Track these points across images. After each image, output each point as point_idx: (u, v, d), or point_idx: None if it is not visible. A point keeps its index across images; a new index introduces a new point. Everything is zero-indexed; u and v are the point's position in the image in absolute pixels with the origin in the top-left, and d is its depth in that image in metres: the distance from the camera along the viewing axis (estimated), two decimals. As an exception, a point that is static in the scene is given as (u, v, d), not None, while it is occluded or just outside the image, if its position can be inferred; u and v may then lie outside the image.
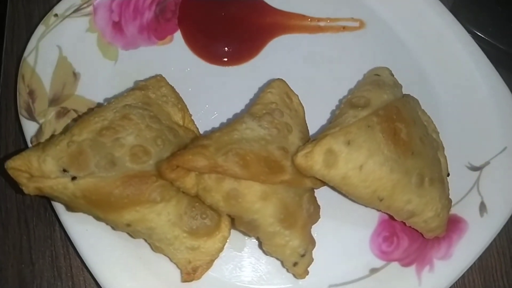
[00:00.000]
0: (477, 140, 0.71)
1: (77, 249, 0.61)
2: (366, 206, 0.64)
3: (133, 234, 0.60)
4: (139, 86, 0.65)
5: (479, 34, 0.82)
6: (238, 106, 0.70)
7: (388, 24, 0.79)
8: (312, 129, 0.67)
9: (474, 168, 0.70)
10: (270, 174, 0.56)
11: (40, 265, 0.65)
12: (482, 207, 0.67)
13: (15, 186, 0.58)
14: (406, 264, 0.65)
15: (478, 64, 0.75)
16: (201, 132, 0.67)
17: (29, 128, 0.65)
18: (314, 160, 0.56)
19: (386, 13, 0.79)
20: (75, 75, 0.69)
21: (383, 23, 0.79)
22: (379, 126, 0.59)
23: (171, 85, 0.67)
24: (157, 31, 0.75)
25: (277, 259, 0.62)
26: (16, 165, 0.56)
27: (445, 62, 0.76)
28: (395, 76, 0.70)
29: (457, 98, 0.74)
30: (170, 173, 0.55)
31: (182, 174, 0.55)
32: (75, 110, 0.67)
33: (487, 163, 0.69)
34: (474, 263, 0.65)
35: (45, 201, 0.67)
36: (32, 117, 0.66)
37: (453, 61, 0.76)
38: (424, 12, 0.78)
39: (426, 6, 0.78)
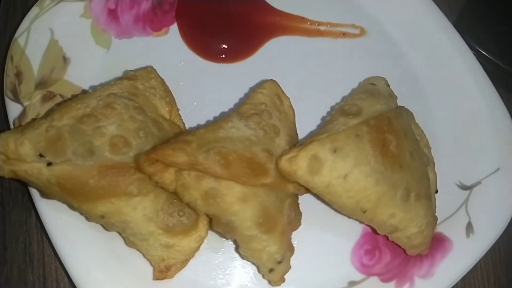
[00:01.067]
0: (470, 159, 0.69)
1: (50, 237, 0.59)
2: (349, 216, 0.62)
3: (107, 227, 0.58)
4: (127, 76, 0.63)
5: (481, 51, 0.80)
6: (228, 104, 0.69)
7: (389, 34, 0.77)
8: (302, 134, 0.66)
9: (464, 187, 0.68)
10: (251, 176, 0.54)
11: (12, 250, 0.64)
12: (469, 228, 0.65)
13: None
14: (386, 280, 0.63)
15: (478, 82, 0.73)
16: (187, 128, 0.66)
17: (13, 109, 0.64)
18: (298, 165, 0.55)
19: (388, 23, 0.78)
20: (65, 60, 0.68)
21: (384, 33, 0.77)
22: (369, 136, 0.57)
23: (161, 78, 0.66)
24: (153, 22, 0.74)
25: (253, 264, 0.60)
26: (-8, 146, 0.54)
27: (444, 77, 0.74)
28: (391, 87, 0.69)
29: (453, 114, 0.72)
30: (148, 166, 0.53)
31: (161, 168, 0.54)
32: (61, 95, 0.66)
33: (478, 183, 0.68)
34: (457, 284, 0.64)
35: (24, 187, 0.65)
36: (17, 99, 0.64)
37: (453, 76, 0.74)
38: (427, 25, 0.77)
39: (429, 19, 0.77)
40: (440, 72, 0.74)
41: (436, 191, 0.65)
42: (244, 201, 0.54)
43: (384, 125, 0.59)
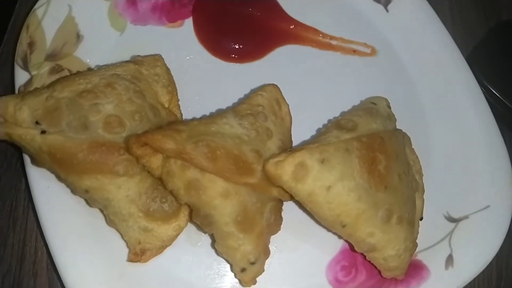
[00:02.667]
0: (461, 191, 0.69)
1: (34, 203, 0.60)
2: (329, 229, 0.62)
3: (90, 202, 0.59)
4: (134, 60, 0.65)
5: (490, 88, 0.79)
6: (228, 103, 0.69)
7: (399, 57, 0.78)
8: (296, 142, 0.67)
9: (451, 219, 0.67)
10: (236, 174, 0.55)
11: (-2, 211, 0.66)
12: (449, 260, 0.64)
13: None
14: (357, 299, 0.63)
15: (481, 117, 0.72)
16: (184, 119, 0.66)
17: (21, 77, 0.66)
18: (284, 170, 0.55)
19: (400, 47, 0.78)
20: (78, 37, 0.70)
21: (394, 56, 0.77)
22: (358, 152, 0.58)
23: (167, 67, 0.67)
24: (169, 13, 0.75)
25: (227, 261, 0.61)
26: (-8, 107, 0.56)
27: (447, 107, 0.74)
28: (392, 109, 0.69)
29: (451, 144, 0.72)
30: (137, 149, 0.54)
31: (149, 152, 0.55)
32: (69, 70, 0.68)
33: (466, 217, 0.67)
34: (428, 314, 0.63)
35: (18, 153, 0.67)
36: (26, 67, 0.66)
37: (457, 108, 0.74)
38: (439, 55, 0.77)
39: (442, 49, 0.77)
40: (445, 102, 0.74)
41: (421, 219, 0.64)
42: (226, 197, 0.55)
43: (375, 144, 0.59)
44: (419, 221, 0.64)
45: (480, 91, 0.75)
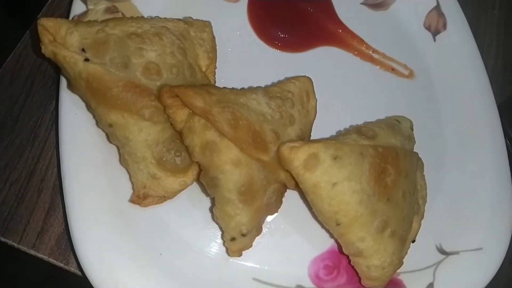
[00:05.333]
0: (459, 228, 0.70)
1: (58, 125, 0.63)
2: (323, 226, 0.64)
3: (110, 137, 0.62)
4: (185, 20, 0.68)
5: (515, 140, 0.81)
6: (261, 84, 0.70)
7: (434, 87, 0.79)
8: (314, 138, 0.68)
9: (442, 251, 0.68)
10: (252, 147, 0.57)
11: (22, 124, 0.69)
12: (429, 288, 0.65)
13: (38, 46, 0.61)
14: (331, 299, 0.64)
15: (498, 166, 0.73)
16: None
17: (77, 7, 0.69)
18: (297, 156, 0.57)
19: (438, 77, 0.80)
20: (140, -15, 0.73)
21: (430, 84, 0.79)
22: (371, 159, 0.59)
23: (213, 35, 0.70)
24: (229, -12, 0.78)
25: (220, 228, 0.63)
26: (47, 24, 0.59)
27: (467, 147, 0.75)
28: (414, 131, 0.70)
29: (461, 182, 0.73)
30: (167, 98, 0.57)
31: (177, 105, 0.57)
32: (122, 14, 0.71)
33: (457, 252, 0.68)
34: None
35: (56, 76, 0.70)
36: (84, 0, 0.70)
37: (476, 151, 0.75)
38: (473, 95, 0.78)
39: (477, 90, 0.78)
40: (466, 141, 0.75)
41: (414, 241, 0.66)
42: (236, 165, 0.57)
43: (390, 157, 0.61)
44: (411, 242, 0.65)
45: (503, 140, 0.76)
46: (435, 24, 0.82)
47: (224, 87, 0.61)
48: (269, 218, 0.65)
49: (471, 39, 0.81)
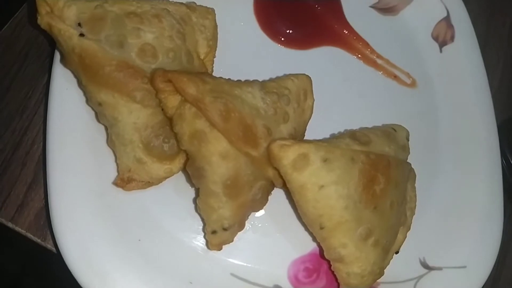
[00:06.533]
0: (445, 244, 0.69)
1: (48, 99, 0.62)
2: (306, 228, 0.63)
3: (99, 116, 0.61)
4: (188, 5, 0.66)
5: (511, 162, 0.79)
6: (258, 78, 0.70)
7: (436, 98, 0.78)
8: (307, 138, 0.67)
9: (425, 265, 0.67)
10: (241, 141, 0.56)
11: (12, 94, 0.68)
12: (408, 301, 0.64)
13: (35, 18, 0.59)
14: (308, 302, 0.63)
15: (491, 186, 0.72)
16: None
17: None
18: (286, 154, 0.56)
19: (440, 89, 0.79)
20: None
21: (432, 95, 0.78)
22: (362, 166, 0.58)
23: (216, 23, 0.68)
24: (236, -22, 0.77)
25: (202, 220, 0.62)
26: (45, -5, 0.58)
27: (462, 164, 0.74)
28: (410, 142, 0.69)
29: (452, 197, 0.71)
30: (160, 82, 0.55)
31: (169, 90, 0.56)
32: (125, -8, 0.69)
33: (440, 268, 0.67)
34: None
35: (51, 49, 0.69)
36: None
37: (471, 168, 0.73)
38: (474, 111, 0.77)
39: (479, 107, 0.76)
40: (461, 157, 0.74)
41: (397, 252, 0.65)
42: (224, 157, 0.56)
43: (381, 165, 0.60)
44: (395, 253, 0.64)
45: (500, 160, 0.75)
46: (443, 35, 0.81)
47: (220, 77, 0.60)
48: (253, 215, 0.64)
49: (478, 55, 0.79)
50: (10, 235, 0.63)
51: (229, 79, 0.61)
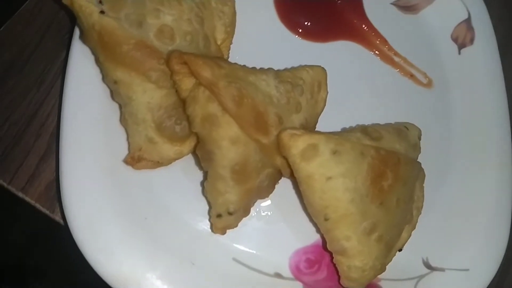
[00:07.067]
0: (449, 246, 0.68)
1: (65, 74, 0.63)
2: (311, 219, 0.63)
3: (114, 94, 0.61)
4: (208, -9, 0.66)
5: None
6: (274, 67, 0.70)
7: (451, 100, 0.77)
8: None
9: (427, 265, 0.67)
10: (252, 127, 0.56)
11: (31, 67, 0.69)
12: (408, 300, 0.64)
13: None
14: (308, 291, 0.64)
15: (500, 194, 0.71)
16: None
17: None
18: (296, 144, 0.56)
19: (457, 91, 0.78)
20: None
21: (447, 97, 0.77)
22: (371, 160, 0.58)
23: (235, 10, 0.68)
24: (260, -32, 0.77)
25: (208, 203, 0.62)
26: (69, -30, 0.58)
27: (473, 169, 0.73)
28: (421, 141, 0.69)
29: (460, 201, 0.71)
30: (176, 64, 0.56)
31: (184, 72, 0.57)
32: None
33: (442, 269, 0.67)
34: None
35: (71, 26, 0.70)
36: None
37: (481, 174, 0.72)
38: (489, 117, 0.76)
39: (494, 114, 0.76)
40: (472, 162, 0.73)
41: (400, 250, 0.64)
42: (234, 143, 0.56)
43: (391, 161, 0.60)
44: (398, 251, 0.64)
45: (511, 166, 0.74)
46: (463, 37, 0.80)
47: (235, 63, 0.60)
48: (259, 203, 0.64)
49: (497, 59, 0.78)
50: (18, 211, 0.65)
51: (244, 65, 0.61)
